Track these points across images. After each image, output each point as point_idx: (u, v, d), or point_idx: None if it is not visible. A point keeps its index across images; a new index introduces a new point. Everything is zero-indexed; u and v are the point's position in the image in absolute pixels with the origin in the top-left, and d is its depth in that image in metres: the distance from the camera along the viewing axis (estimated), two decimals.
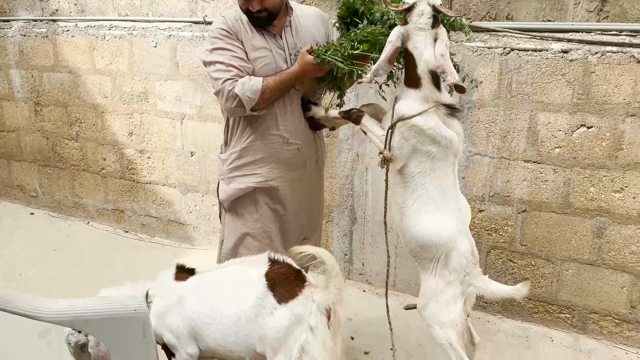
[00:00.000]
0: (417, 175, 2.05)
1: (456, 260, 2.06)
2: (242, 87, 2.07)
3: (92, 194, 4.50)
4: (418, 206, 2.06)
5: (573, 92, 2.70)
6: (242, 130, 2.27)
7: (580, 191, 2.80)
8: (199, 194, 3.98)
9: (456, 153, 2.06)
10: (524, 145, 2.87)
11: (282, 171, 2.29)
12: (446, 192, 2.07)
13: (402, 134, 2.01)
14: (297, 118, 2.27)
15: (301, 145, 2.29)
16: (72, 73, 4.26)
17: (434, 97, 1.98)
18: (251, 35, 2.18)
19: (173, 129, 3.94)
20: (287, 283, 1.88)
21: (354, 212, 3.46)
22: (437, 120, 1.98)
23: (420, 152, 2.01)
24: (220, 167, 2.38)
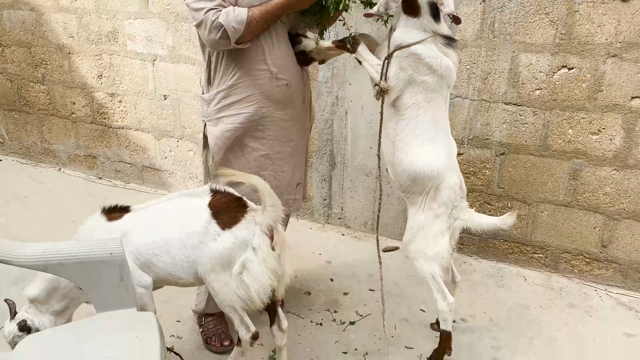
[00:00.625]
0: (411, 107, 2.03)
1: (445, 193, 2.09)
2: (227, 16, 1.95)
3: (63, 139, 4.36)
4: (411, 139, 2.06)
5: (556, 32, 2.65)
6: (227, 66, 2.15)
7: (559, 133, 2.80)
8: (173, 139, 3.88)
9: (450, 84, 2.06)
10: (504, 87, 2.84)
11: (271, 109, 2.20)
12: (439, 124, 2.07)
13: (399, 63, 1.98)
14: (285, 51, 2.17)
15: (290, 81, 2.20)
16: (34, 11, 4.01)
17: (432, 27, 1.96)
18: None
19: (144, 71, 3.78)
20: (229, 210, 1.95)
21: (333, 157, 3.42)
22: (435, 49, 1.96)
23: (415, 83, 1.99)
24: (204, 108, 2.26)
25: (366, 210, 3.45)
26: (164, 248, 1.92)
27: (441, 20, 1.96)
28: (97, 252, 1.56)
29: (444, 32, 1.97)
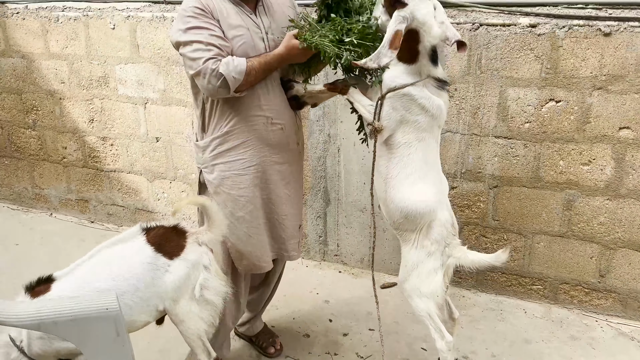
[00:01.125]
0: (403, 146, 2.05)
1: (437, 230, 2.09)
2: (227, 66, 1.97)
3: (54, 184, 4.33)
4: (403, 176, 2.06)
5: (542, 67, 2.71)
6: (222, 113, 2.16)
7: (550, 165, 2.83)
8: (166, 180, 3.87)
9: (441, 124, 2.09)
10: (494, 121, 2.88)
11: (267, 153, 2.21)
12: (430, 163, 2.09)
13: (391, 104, 2.00)
14: (279, 97, 2.20)
15: (285, 125, 2.22)
16: (25, 58, 4.04)
17: (428, 71, 1.98)
18: (226, 14, 2.08)
19: (136, 114, 3.80)
20: (170, 240, 2.04)
21: (327, 194, 3.42)
22: (426, 91, 1.99)
23: (408, 123, 2.01)
24: (199, 155, 2.26)
25: (362, 246, 3.43)
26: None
27: (438, 63, 1.99)
28: (92, 308, 1.52)
29: (439, 76, 1.99)
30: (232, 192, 2.21)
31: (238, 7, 2.11)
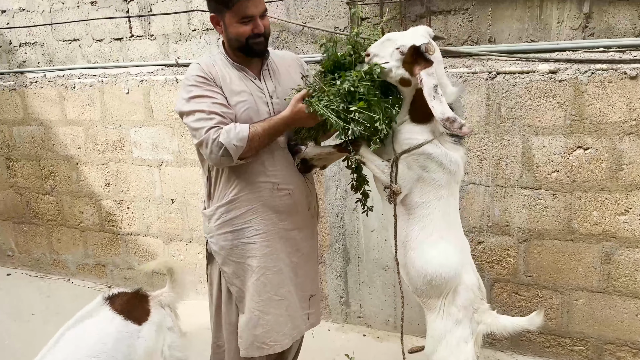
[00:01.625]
0: (422, 206, 1.93)
1: (464, 296, 1.94)
2: (228, 134, 1.90)
3: (71, 249, 4.28)
4: (423, 238, 1.94)
5: (566, 114, 2.58)
6: (227, 180, 2.08)
7: (583, 216, 2.65)
8: (182, 242, 3.78)
9: (458, 180, 1.97)
10: (519, 172, 2.73)
11: (274, 220, 2.10)
12: (450, 221, 1.96)
13: (407, 163, 1.90)
14: (285, 161, 2.11)
15: (292, 190, 2.12)
16: (42, 125, 4.09)
17: (441, 129, 1.87)
18: (229, 80, 2.04)
19: (151, 177, 3.76)
20: (135, 306, 2.12)
21: (347, 252, 3.28)
22: (443, 147, 1.90)
23: (424, 181, 1.91)
24: (206, 224, 2.18)
25: (387, 307, 3.25)
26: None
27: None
28: None
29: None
30: (241, 260, 2.10)
31: (241, 72, 2.07)
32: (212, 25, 2.08)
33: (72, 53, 3.88)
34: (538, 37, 2.64)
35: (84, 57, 3.84)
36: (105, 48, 3.75)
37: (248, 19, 1.95)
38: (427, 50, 1.79)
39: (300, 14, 3.10)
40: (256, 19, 1.96)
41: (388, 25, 2.89)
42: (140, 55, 3.64)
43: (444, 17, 2.79)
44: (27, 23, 3.95)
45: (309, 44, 3.14)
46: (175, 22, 3.45)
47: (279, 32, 3.18)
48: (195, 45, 3.43)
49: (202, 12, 3.33)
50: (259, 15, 1.97)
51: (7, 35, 4.07)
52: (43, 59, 4.00)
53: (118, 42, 3.69)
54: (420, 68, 1.79)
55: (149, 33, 3.57)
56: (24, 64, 4.09)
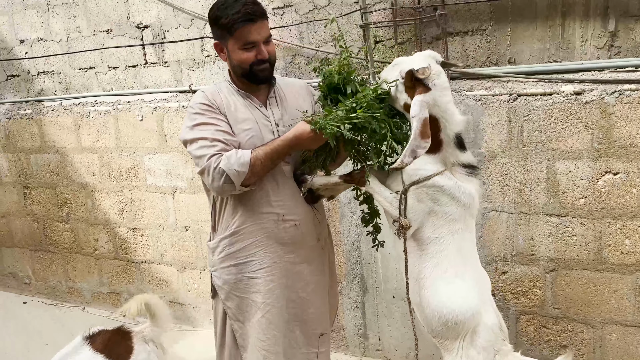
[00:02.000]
0: (435, 241, 1.82)
1: (484, 336, 1.80)
2: (228, 160, 1.84)
3: (86, 277, 4.25)
4: (437, 275, 1.82)
5: (592, 137, 2.44)
6: (231, 211, 2.02)
7: (614, 244, 2.49)
8: (196, 270, 3.71)
9: (474, 213, 1.86)
10: (544, 198, 2.59)
11: (280, 253, 2.02)
12: (466, 256, 1.84)
13: (416, 196, 1.80)
14: (291, 191, 2.03)
15: (299, 221, 2.03)
16: (59, 153, 4.09)
17: (454, 158, 1.79)
18: (234, 108, 1.99)
19: (165, 204, 3.71)
20: (118, 343, 2.12)
21: (364, 281, 3.16)
22: (455, 179, 1.79)
23: (437, 215, 1.80)
24: (210, 257, 2.11)
25: (407, 339, 3.10)
26: None
27: (466, 148, 1.79)
28: None
29: (468, 162, 1.79)
30: (245, 295, 2.02)
31: (247, 100, 2.01)
32: (217, 53, 2.03)
33: (87, 81, 3.89)
34: (561, 57, 2.52)
35: (100, 85, 3.85)
36: (120, 75, 3.75)
37: (251, 44, 1.90)
38: (422, 74, 1.69)
39: (313, 38, 3.05)
40: (259, 45, 1.91)
41: (403, 48, 2.82)
42: (155, 82, 3.62)
43: (461, 38, 2.70)
44: (45, 52, 3.99)
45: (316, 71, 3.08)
46: (189, 48, 3.43)
47: (292, 57, 3.13)
48: (208, 72, 3.40)
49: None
50: (262, 41, 1.92)
51: (25, 64, 4.12)
52: (60, 87, 4.03)
53: (132, 69, 3.69)
54: (417, 93, 1.71)
55: (163, 60, 3.56)
56: (41, 92, 4.12)
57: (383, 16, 2.84)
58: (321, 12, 2.99)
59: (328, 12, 2.95)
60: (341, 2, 2.92)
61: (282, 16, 3.08)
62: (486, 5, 2.61)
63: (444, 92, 1.74)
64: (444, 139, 1.76)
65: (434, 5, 2.67)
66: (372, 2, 2.80)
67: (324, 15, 2.98)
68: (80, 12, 3.76)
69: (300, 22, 3.05)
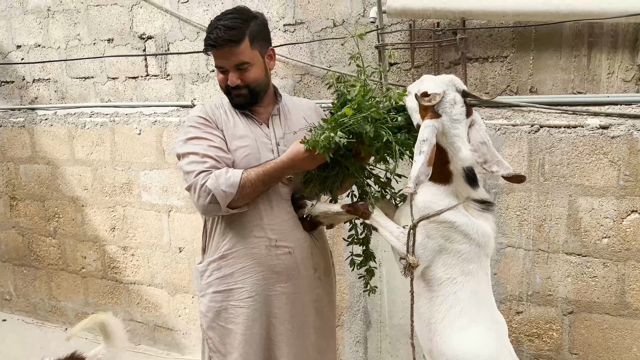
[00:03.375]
0: (446, 283, 1.67)
1: None
2: (216, 180, 1.71)
3: (71, 296, 4.03)
4: (449, 320, 1.65)
5: (619, 174, 2.32)
6: (222, 233, 1.88)
7: (638, 289, 2.35)
8: (188, 294, 3.51)
9: (489, 253, 1.71)
10: (564, 235, 2.45)
11: (270, 282, 1.87)
12: (481, 300, 1.68)
13: (426, 231, 1.65)
14: (286, 215, 1.89)
15: (293, 248, 1.88)
16: (50, 164, 3.91)
17: (466, 193, 1.66)
18: (233, 123, 1.87)
19: (159, 223, 3.53)
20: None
21: (367, 315, 2.98)
22: (468, 215, 1.65)
23: (448, 253, 1.65)
24: (198, 280, 1.96)
25: None
26: None
27: (479, 185, 1.65)
28: None
29: (481, 198, 1.66)
30: (228, 326, 1.87)
31: (248, 117, 1.91)
32: None
33: (85, 90, 3.74)
34: (585, 89, 2.42)
35: (97, 95, 3.70)
36: (120, 86, 3.60)
37: (221, 68, 1.84)
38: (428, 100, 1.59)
39: (324, 58, 2.92)
40: (229, 71, 1.82)
41: (419, 71, 2.70)
42: (155, 95, 3.48)
43: (480, 64, 2.59)
44: (42, 59, 3.83)
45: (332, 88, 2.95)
46: (193, 62, 3.30)
47: (301, 76, 3.00)
48: (212, 87, 3.27)
49: None
50: (231, 68, 1.81)
51: (20, 70, 3.96)
52: (56, 95, 3.86)
53: (133, 80, 3.54)
54: (427, 117, 1.60)
55: (165, 72, 3.42)
56: (35, 100, 3.96)
57: (400, 38, 2.73)
58: (334, 30, 2.87)
59: (342, 31, 2.84)
60: (356, 21, 2.81)
61: (293, 33, 2.96)
62: (508, 32, 2.51)
63: (454, 124, 1.60)
64: (453, 171, 1.63)
65: (454, 29, 2.57)
66: (388, 22, 2.69)
67: (337, 34, 2.86)
68: (82, 20, 3.63)
69: (312, 40, 2.93)
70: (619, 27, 2.31)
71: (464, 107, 1.61)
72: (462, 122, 1.60)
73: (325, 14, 2.88)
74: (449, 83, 1.67)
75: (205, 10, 3.20)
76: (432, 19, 2.59)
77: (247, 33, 1.80)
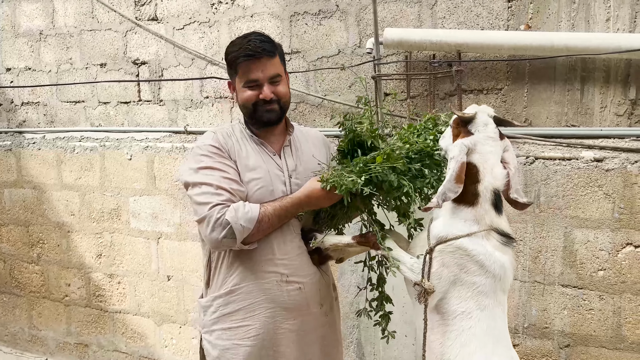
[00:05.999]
0: (461, 317, 1.60)
1: None
2: (235, 213, 1.66)
3: (53, 325, 3.90)
4: (465, 356, 1.58)
5: (614, 206, 2.34)
6: (229, 267, 1.80)
7: (635, 322, 2.34)
8: (176, 324, 3.42)
9: (505, 289, 1.65)
10: (560, 267, 2.45)
11: (278, 319, 1.80)
12: (497, 338, 1.61)
13: (442, 259, 1.61)
14: (298, 249, 1.83)
15: (303, 285, 1.83)
16: (36, 189, 3.83)
17: (489, 219, 1.60)
18: (245, 154, 1.82)
19: (148, 250, 3.46)
20: None
21: (361, 347, 2.92)
22: (487, 244, 1.60)
23: (463, 285, 1.59)
24: (201, 316, 1.89)
25: None
26: None
27: (503, 212, 1.63)
28: None
29: (503, 229, 1.62)
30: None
31: (260, 146, 1.86)
32: (230, 93, 1.93)
33: (75, 115, 3.69)
34: (579, 121, 2.45)
35: (88, 120, 3.65)
36: (111, 111, 3.56)
37: (253, 82, 1.79)
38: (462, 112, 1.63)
39: (320, 86, 2.94)
40: (262, 84, 1.79)
41: (414, 102, 2.72)
42: (147, 120, 3.45)
43: (475, 95, 2.62)
44: (32, 82, 3.79)
45: (327, 117, 2.95)
46: (187, 88, 3.29)
47: (296, 104, 3.00)
48: (206, 113, 3.25)
49: (215, 80, 3.17)
50: (266, 80, 1.79)
51: (9, 93, 3.90)
52: (44, 119, 3.81)
53: (125, 105, 3.51)
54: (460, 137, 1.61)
55: (159, 98, 3.40)
56: (23, 123, 3.90)
57: (395, 69, 2.75)
58: (330, 60, 2.90)
59: (338, 61, 2.86)
60: (352, 52, 2.83)
61: (289, 62, 2.97)
62: (503, 65, 2.55)
63: (487, 141, 1.61)
64: (481, 192, 1.61)
65: (450, 61, 2.60)
66: (384, 53, 2.72)
67: (332, 64, 2.88)
68: (74, 44, 3.61)
69: (308, 69, 2.94)
70: (611, 63, 2.36)
71: (497, 128, 1.63)
72: (496, 141, 1.61)
73: (321, 44, 2.90)
74: (480, 108, 1.70)
75: (200, 37, 3.21)
76: (429, 51, 2.62)
77: (277, 47, 1.84)
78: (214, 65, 3.18)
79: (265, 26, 3.01)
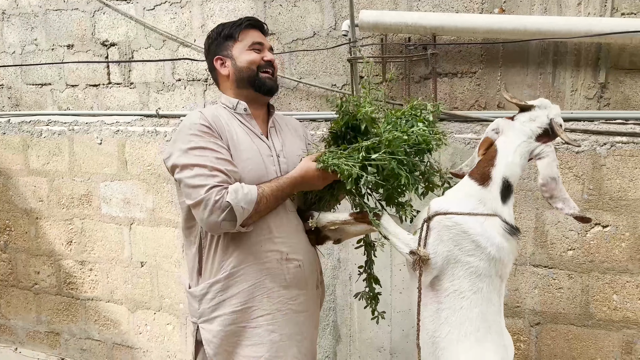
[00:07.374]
0: (453, 295, 1.60)
1: None
2: (236, 194, 1.61)
3: (22, 313, 3.80)
4: (455, 338, 1.59)
5: (583, 187, 2.39)
6: (224, 250, 1.75)
7: (602, 299, 2.42)
8: (150, 311, 3.38)
9: (503, 275, 1.65)
10: (531, 248, 2.51)
11: (282, 299, 1.77)
12: (490, 322, 1.62)
13: (438, 233, 1.61)
14: (295, 228, 1.82)
15: (303, 262, 1.81)
16: (1, 174, 3.70)
17: (493, 205, 1.62)
18: (235, 135, 1.77)
19: (120, 236, 3.39)
20: None
21: (337, 329, 2.95)
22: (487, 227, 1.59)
23: (457, 263, 1.59)
24: (195, 306, 1.80)
25: None
26: None
27: (508, 203, 1.65)
28: None
29: (505, 218, 1.62)
30: (237, 350, 1.75)
31: (247, 127, 1.83)
32: (218, 68, 1.90)
33: (41, 98, 3.57)
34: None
35: (55, 103, 3.54)
36: (79, 94, 3.46)
37: (257, 44, 1.88)
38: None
39: (295, 69, 2.91)
40: (265, 49, 1.90)
41: (389, 85, 2.72)
42: (118, 104, 3.36)
43: (450, 79, 2.64)
44: None
45: (302, 100, 2.93)
46: (159, 70, 3.21)
47: None
48: (179, 96, 3.19)
49: (188, 62, 3.11)
50: (267, 48, 1.91)
51: None
52: (9, 102, 3.68)
53: (94, 88, 3.41)
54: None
55: (129, 81, 3.31)
56: None
57: (371, 52, 2.74)
58: (305, 42, 2.86)
59: (313, 43, 2.83)
60: (327, 34, 2.81)
61: None
62: (477, 48, 2.57)
63: (518, 133, 1.68)
64: (493, 176, 1.63)
65: (425, 44, 2.60)
66: (360, 35, 2.71)
67: (307, 46, 2.85)
68: (39, 24, 3.48)
69: (283, 51, 2.91)
70: (582, 47, 2.40)
71: (540, 130, 1.65)
72: (526, 137, 1.65)
73: (296, 26, 2.87)
74: (548, 105, 1.71)
75: (172, 18, 3.13)
76: (404, 34, 2.62)
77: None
78: (186, 47, 3.11)
79: (238, 7, 2.95)
